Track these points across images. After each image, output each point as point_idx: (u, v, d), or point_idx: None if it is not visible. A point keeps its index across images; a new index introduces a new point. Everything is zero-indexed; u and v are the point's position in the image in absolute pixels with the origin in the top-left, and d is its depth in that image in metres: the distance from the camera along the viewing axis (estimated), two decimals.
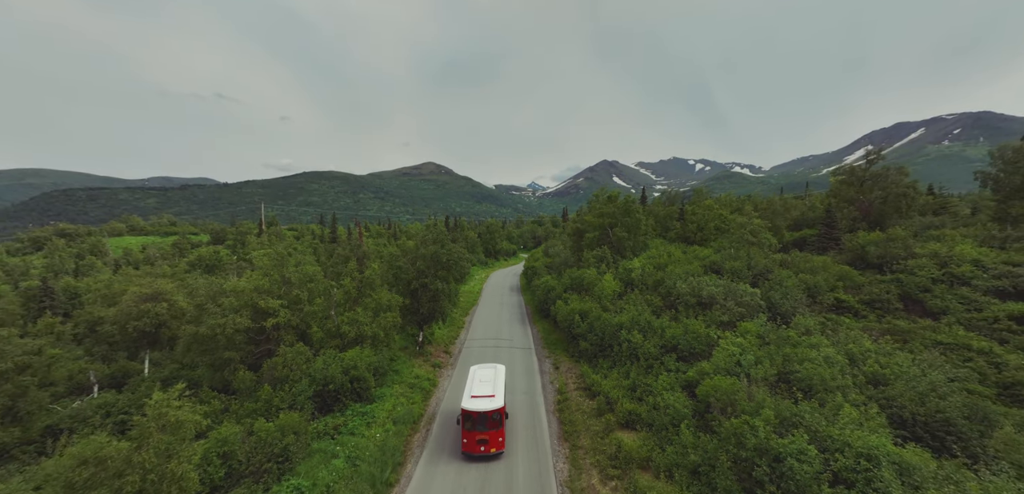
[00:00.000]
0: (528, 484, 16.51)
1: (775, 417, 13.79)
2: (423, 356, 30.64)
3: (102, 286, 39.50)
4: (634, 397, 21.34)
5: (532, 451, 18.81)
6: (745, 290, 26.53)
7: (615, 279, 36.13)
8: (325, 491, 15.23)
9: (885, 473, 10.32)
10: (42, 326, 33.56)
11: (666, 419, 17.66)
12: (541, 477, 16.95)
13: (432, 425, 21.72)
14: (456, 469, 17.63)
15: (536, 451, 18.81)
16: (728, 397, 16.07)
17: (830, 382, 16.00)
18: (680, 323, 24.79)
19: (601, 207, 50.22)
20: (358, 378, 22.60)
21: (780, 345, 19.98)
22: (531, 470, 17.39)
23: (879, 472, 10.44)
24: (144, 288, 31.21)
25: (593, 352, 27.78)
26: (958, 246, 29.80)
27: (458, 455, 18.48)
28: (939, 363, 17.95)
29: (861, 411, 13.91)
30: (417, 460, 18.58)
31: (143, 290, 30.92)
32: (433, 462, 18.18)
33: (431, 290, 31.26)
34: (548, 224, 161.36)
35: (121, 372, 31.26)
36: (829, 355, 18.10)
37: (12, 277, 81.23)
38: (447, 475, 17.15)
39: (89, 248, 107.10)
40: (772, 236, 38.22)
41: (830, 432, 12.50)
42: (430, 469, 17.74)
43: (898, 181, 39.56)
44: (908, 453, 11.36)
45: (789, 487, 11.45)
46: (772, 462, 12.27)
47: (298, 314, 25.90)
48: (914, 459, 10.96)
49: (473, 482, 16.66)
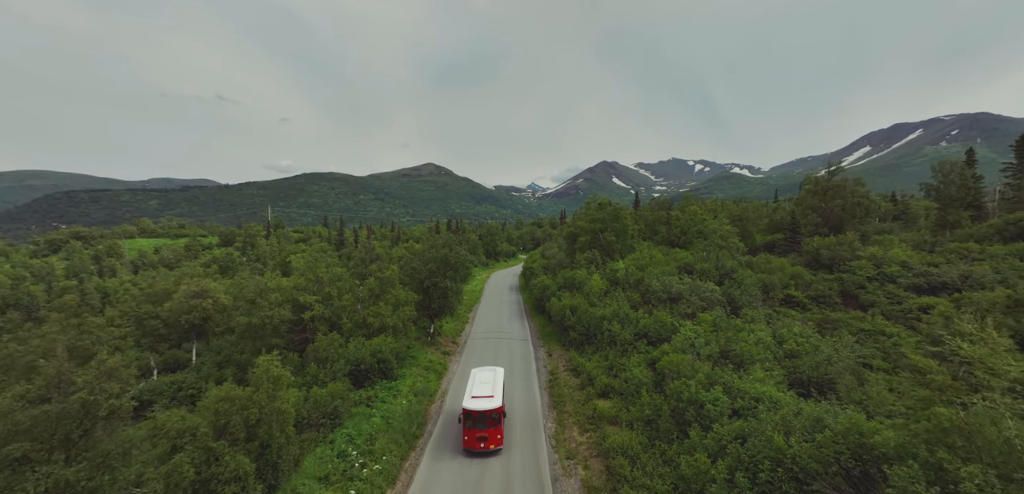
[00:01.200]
0: (523, 437, 21.34)
1: (705, 379, 18.66)
2: (434, 345, 35.51)
3: (146, 285, 44.22)
4: (610, 374, 26.18)
5: (528, 417, 23.63)
6: (708, 287, 31.43)
7: (602, 279, 40.99)
8: (369, 438, 20.07)
9: (762, 407, 15.17)
10: (103, 320, 38.31)
11: (632, 388, 22.50)
12: (533, 433, 21.78)
13: (445, 398, 26.56)
14: None
15: (530, 417, 23.63)
16: (677, 368, 20.92)
17: (755, 356, 20.89)
18: (652, 315, 29.65)
19: (593, 213, 55.12)
20: (383, 360, 27.43)
21: (725, 330, 24.86)
22: (526, 429, 22.21)
23: (760, 407, 15.27)
24: (193, 286, 36.04)
25: (580, 340, 32.61)
26: (893, 250, 34.73)
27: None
28: (850, 343, 22.78)
29: (768, 374, 18.78)
30: (436, 421, 23.47)
31: (192, 288, 35.76)
32: (447, 425, 22.98)
33: (441, 288, 36.15)
34: (547, 226, 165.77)
35: (173, 360, 36.16)
36: (761, 337, 22.99)
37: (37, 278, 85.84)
38: (460, 432, 22.00)
39: (106, 250, 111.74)
40: (740, 241, 43.14)
41: (738, 385, 17.36)
42: (445, 427, 22.61)
43: (855, 191, 44.53)
44: (781, 395, 16.21)
45: (706, 422, 16.31)
46: (697, 408, 17.13)
47: (330, 308, 30.74)
48: (783, 398, 15.81)
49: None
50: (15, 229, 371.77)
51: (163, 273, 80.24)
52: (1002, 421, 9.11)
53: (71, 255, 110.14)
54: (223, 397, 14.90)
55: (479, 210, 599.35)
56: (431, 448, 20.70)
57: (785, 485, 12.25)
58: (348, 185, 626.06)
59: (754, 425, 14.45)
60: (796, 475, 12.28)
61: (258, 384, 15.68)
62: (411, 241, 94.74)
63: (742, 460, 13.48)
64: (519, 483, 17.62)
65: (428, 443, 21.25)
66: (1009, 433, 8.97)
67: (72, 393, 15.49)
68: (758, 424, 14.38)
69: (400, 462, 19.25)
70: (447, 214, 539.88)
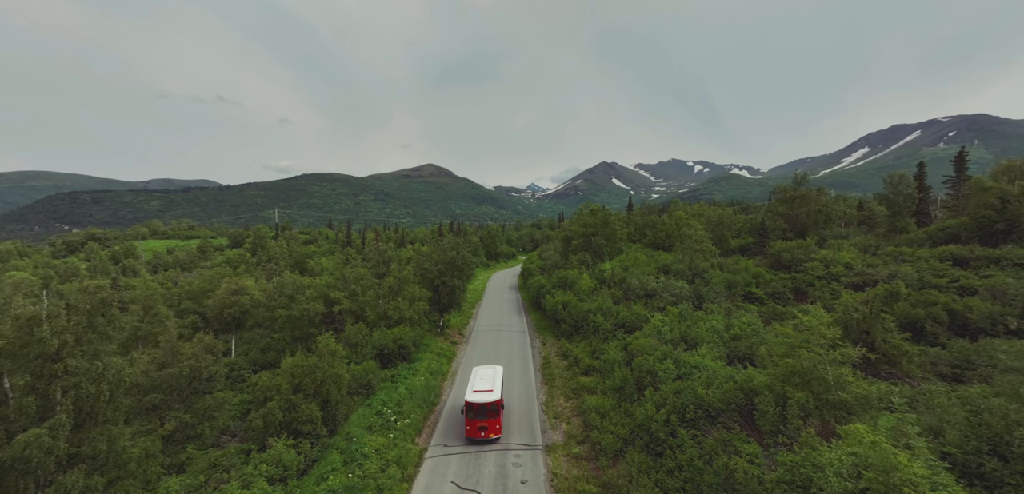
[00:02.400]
0: (521, 406, 26.61)
1: (661, 355, 23.98)
2: (444, 336, 40.82)
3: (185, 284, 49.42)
4: (593, 357, 31.47)
5: (524, 391, 28.91)
6: (680, 285, 36.78)
7: (591, 278, 46.32)
8: (397, 404, 25.36)
9: (697, 372, 20.50)
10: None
11: (608, 366, 27.78)
12: (529, 403, 27.06)
13: (455, 377, 31.83)
14: None
15: (526, 391, 28.90)
16: (643, 348, 26.22)
17: (705, 338, 26.24)
18: (630, 308, 34.97)
19: (585, 218, 60.46)
20: (403, 346, 32.75)
21: (687, 320, 30.20)
22: (523, 400, 27.48)
23: (696, 372, 20.59)
24: (232, 284, 41.28)
25: (570, 331, 37.91)
26: (841, 253, 40.12)
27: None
28: (835, 337, 28.13)
29: (711, 350, 24.11)
30: (449, 392, 28.78)
31: (232, 285, 41.00)
32: (458, 395, 28.22)
33: (449, 286, 41.48)
34: (545, 228, 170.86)
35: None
36: (713, 325, 28.33)
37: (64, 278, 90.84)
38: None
39: (122, 251, 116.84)
40: (714, 245, 48.49)
41: (684, 359, 22.70)
42: (457, 396, 27.92)
43: (818, 200, 49.88)
44: (714, 365, 21.51)
45: (657, 385, 21.62)
46: (652, 376, 22.43)
47: (356, 303, 36.03)
48: (715, 366, 21.14)
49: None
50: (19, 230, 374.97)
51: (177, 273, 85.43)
52: (821, 366, 14.41)
53: (91, 256, 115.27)
54: (297, 364, 20.24)
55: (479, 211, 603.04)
56: (446, 411, 26.00)
57: (702, 420, 17.58)
58: (349, 186, 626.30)
59: (688, 384, 19.79)
60: (709, 413, 17.62)
61: (321, 355, 21.01)
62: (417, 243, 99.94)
63: (676, 406, 18.80)
64: (516, 434, 22.91)
65: (443, 408, 26.55)
66: (824, 373, 14.28)
67: (183, 361, 20.84)
68: (691, 383, 19.72)
69: (423, 420, 24.57)
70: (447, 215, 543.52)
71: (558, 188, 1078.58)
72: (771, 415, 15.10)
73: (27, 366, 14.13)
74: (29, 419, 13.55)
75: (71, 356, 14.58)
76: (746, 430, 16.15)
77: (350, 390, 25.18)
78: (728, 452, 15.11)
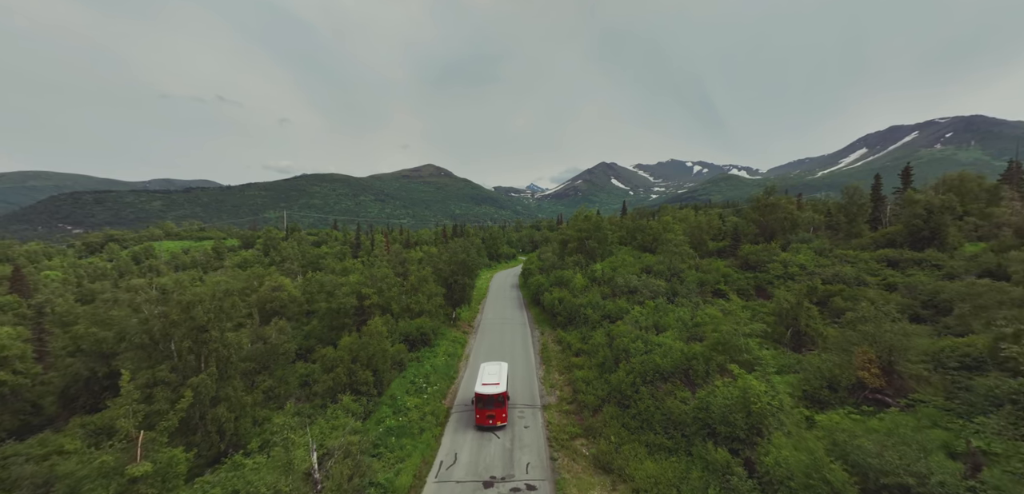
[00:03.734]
0: (523, 381, 32.98)
1: (634, 337, 30.46)
2: (456, 327, 47.25)
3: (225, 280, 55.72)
4: (582, 342, 37.88)
5: (526, 370, 35.30)
6: (658, 283, 43.25)
7: (584, 277, 52.78)
8: (425, 375, 31.81)
9: (657, 349, 27.02)
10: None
11: (594, 348, 34.23)
12: (529, 378, 33.47)
13: (469, 359, 38.24)
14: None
15: (528, 369, 35.32)
16: (622, 333, 32.68)
17: (671, 325, 32.73)
18: (615, 303, 41.41)
19: (579, 223, 66.91)
20: (424, 333, 39.19)
21: (661, 312, 36.70)
22: (525, 377, 33.88)
23: (658, 347, 27.11)
24: (273, 281, 47.69)
25: (564, 322, 44.34)
26: (799, 256, 46.64)
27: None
28: (747, 318, 34.47)
29: (675, 334, 30.59)
30: (464, 370, 35.23)
31: (273, 283, 47.40)
32: (472, 372, 34.58)
33: (460, 284, 47.93)
34: (545, 229, 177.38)
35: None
36: (680, 316, 34.82)
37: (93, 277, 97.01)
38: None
39: (142, 252, 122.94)
40: (692, 248, 55.02)
41: (652, 339, 29.18)
42: (471, 373, 34.33)
43: (786, 208, 56.42)
44: (674, 343, 28.00)
45: (630, 358, 28.11)
46: (627, 353, 28.92)
47: (383, 298, 42.41)
48: (674, 345, 27.64)
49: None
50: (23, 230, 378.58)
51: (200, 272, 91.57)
52: (738, 336, 20.90)
53: (113, 256, 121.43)
54: (353, 342, 26.69)
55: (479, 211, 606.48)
56: (463, 384, 32.44)
57: (657, 380, 24.06)
58: (349, 186, 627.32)
59: (650, 357, 26.28)
60: (662, 374, 24.10)
61: (371, 335, 27.46)
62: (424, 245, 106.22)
63: (640, 372, 25.28)
64: (520, 399, 29.33)
65: (460, 383, 32.97)
66: (740, 341, 20.78)
67: (265, 340, 27.30)
68: (652, 356, 26.21)
69: (446, 388, 31.04)
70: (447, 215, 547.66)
71: (557, 188, 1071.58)
72: (700, 371, 21.57)
73: (186, 335, 20.50)
74: (191, 369, 19.90)
75: (213, 329, 20.96)
76: (685, 384, 22.64)
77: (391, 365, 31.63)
78: (671, 398, 21.59)
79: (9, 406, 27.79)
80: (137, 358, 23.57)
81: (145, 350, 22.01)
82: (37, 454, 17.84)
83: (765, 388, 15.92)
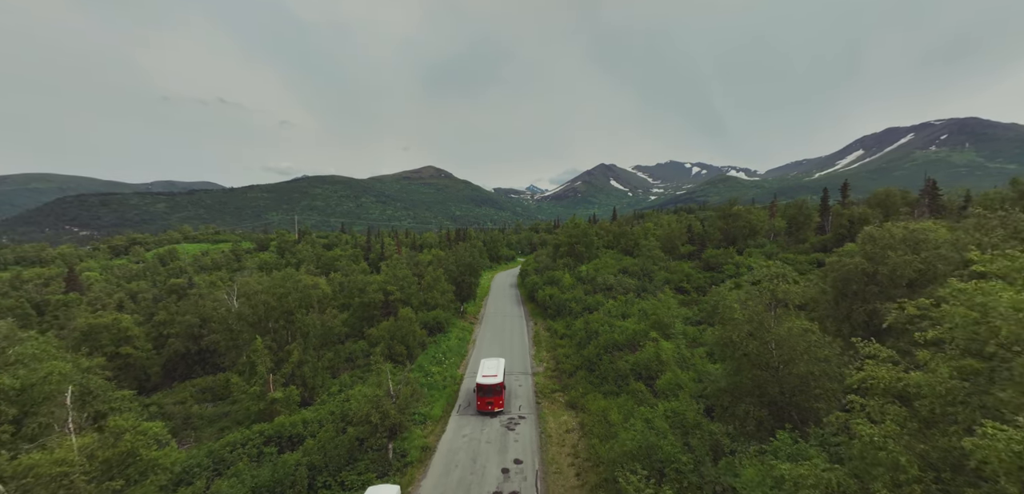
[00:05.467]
0: (520, 357, 42.13)
1: (604, 322, 39.67)
2: (464, 318, 56.45)
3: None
4: (566, 328, 47.05)
5: (521, 350, 44.47)
6: (629, 281, 52.44)
7: (572, 277, 61.99)
8: (443, 352, 41.01)
9: (617, 330, 36.23)
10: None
11: (574, 332, 43.40)
12: (524, 354, 42.65)
13: (475, 345, 47.36)
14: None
15: (523, 350, 44.49)
16: (596, 320, 41.88)
17: (634, 313, 41.96)
18: (594, 298, 50.60)
19: (570, 230, 76.21)
20: (439, 322, 48.39)
21: (626, 304, 45.92)
22: (521, 353, 43.06)
23: (618, 328, 36.30)
24: (310, 280, 56.75)
25: (553, 314, 53.51)
26: (750, 259, 55.83)
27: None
28: (675, 306, 43.63)
29: (635, 320, 39.79)
30: (471, 353, 44.43)
31: (310, 281, 56.47)
32: (478, 353, 43.70)
33: (467, 282, 57.13)
34: (543, 232, 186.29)
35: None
36: (642, 307, 44.03)
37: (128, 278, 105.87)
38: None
39: (167, 255, 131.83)
40: (662, 251, 64.24)
41: (616, 323, 38.38)
42: (476, 355, 43.49)
43: (745, 217, 65.64)
44: (634, 326, 37.12)
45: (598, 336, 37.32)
46: (596, 333, 38.13)
47: (403, 293, 51.57)
48: (627, 325, 36.78)
49: (497, 351, 42.38)
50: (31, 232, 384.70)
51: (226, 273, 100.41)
52: (677, 322, 30.06)
53: (139, 258, 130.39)
54: (391, 324, 35.88)
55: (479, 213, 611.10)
56: (471, 362, 41.58)
57: (614, 351, 33.27)
58: (350, 188, 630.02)
59: (612, 334, 35.49)
60: (618, 346, 33.33)
61: (403, 319, 36.65)
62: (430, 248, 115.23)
63: (603, 346, 34.47)
64: (517, 368, 38.48)
65: (469, 361, 42.10)
66: (668, 320, 30.01)
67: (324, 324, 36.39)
68: (613, 334, 35.43)
69: (459, 361, 40.28)
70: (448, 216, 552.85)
71: (557, 189, 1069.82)
72: (640, 341, 30.70)
73: (280, 316, 29.59)
74: (283, 341, 28.97)
75: (297, 313, 30.04)
76: (630, 350, 31.84)
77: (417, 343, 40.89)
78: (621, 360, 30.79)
79: (131, 374, 36.93)
80: (227, 335, 32.68)
81: (231, 332, 31.18)
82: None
83: (673, 347, 25.02)
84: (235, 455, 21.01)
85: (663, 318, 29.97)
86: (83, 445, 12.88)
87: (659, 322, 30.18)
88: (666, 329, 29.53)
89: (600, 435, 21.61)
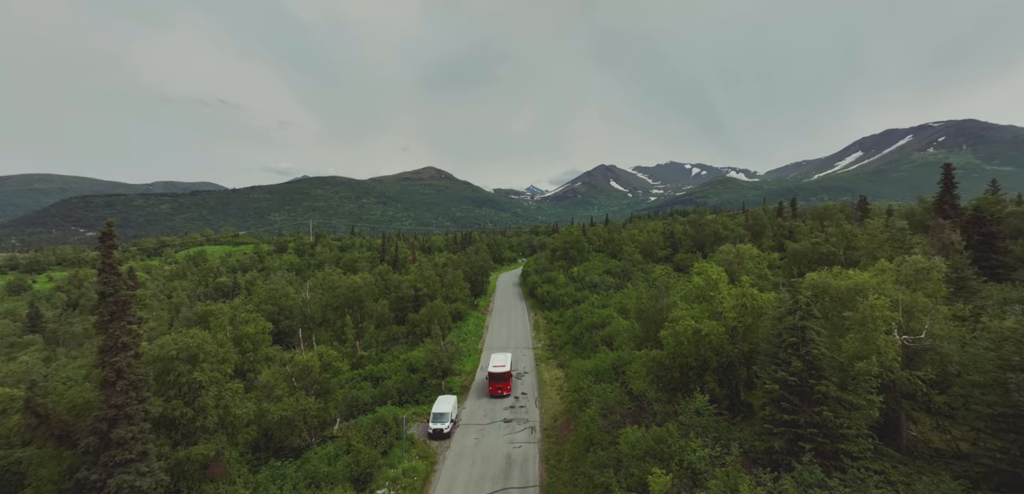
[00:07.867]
0: (523, 339, 54.60)
1: (587, 311, 52.18)
2: (477, 310, 68.94)
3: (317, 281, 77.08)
4: (559, 317, 59.42)
5: (524, 333, 56.99)
6: (611, 280, 64.93)
7: (565, 276, 74.44)
8: (466, 334, 53.52)
9: (595, 315, 48.70)
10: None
11: (565, 319, 55.80)
12: (526, 336, 55.16)
13: (490, 328, 59.77)
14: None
15: (525, 333, 56.98)
16: (582, 310, 54.36)
17: (611, 303, 54.49)
18: (582, 293, 63.05)
19: (564, 236, 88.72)
20: (458, 312, 60.84)
21: (607, 297, 58.41)
22: (524, 335, 55.54)
23: (597, 313, 48.77)
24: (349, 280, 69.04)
25: (549, 306, 65.97)
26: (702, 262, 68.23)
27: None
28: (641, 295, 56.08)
29: (612, 309, 52.26)
30: (486, 335, 56.96)
31: (351, 281, 68.78)
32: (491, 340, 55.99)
33: (479, 280, 69.64)
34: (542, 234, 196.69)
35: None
36: (619, 299, 56.55)
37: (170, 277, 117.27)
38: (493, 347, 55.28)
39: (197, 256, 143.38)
40: (641, 255, 76.66)
41: (598, 311, 50.89)
42: (490, 342, 55.88)
43: (711, 224, 78.18)
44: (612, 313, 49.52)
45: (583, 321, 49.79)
46: (581, 318, 50.62)
47: (430, 289, 63.96)
48: (604, 312, 49.22)
49: (503, 340, 54.80)
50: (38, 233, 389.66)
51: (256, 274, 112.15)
52: (635, 303, 42.53)
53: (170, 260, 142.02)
54: (428, 309, 48.35)
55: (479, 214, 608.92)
56: (486, 344, 53.97)
57: (594, 330, 45.77)
58: (351, 189, 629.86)
59: (591, 317, 47.94)
60: (595, 326, 45.86)
61: (437, 307, 49.14)
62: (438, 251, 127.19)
63: (585, 326, 46.95)
64: (521, 342, 50.90)
65: (485, 342, 54.46)
66: (645, 304, 42.46)
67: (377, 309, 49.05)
68: (592, 317, 47.91)
69: (478, 339, 52.81)
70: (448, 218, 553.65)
71: (557, 190, 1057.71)
72: (609, 320, 43.15)
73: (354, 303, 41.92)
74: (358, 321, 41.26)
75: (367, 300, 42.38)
76: (602, 328, 44.31)
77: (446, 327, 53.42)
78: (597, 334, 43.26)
79: None
80: (302, 321, 45.02)
81: (305, 318, 43.68)
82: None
83: (628, 324, 37.45)
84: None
85: (625, 304, 42.39)
86: (308, 358, 25.33)
87: (622, 307, 42.59)
88: (625, 312, 41.92)
89: (576, 376, 34.25)
